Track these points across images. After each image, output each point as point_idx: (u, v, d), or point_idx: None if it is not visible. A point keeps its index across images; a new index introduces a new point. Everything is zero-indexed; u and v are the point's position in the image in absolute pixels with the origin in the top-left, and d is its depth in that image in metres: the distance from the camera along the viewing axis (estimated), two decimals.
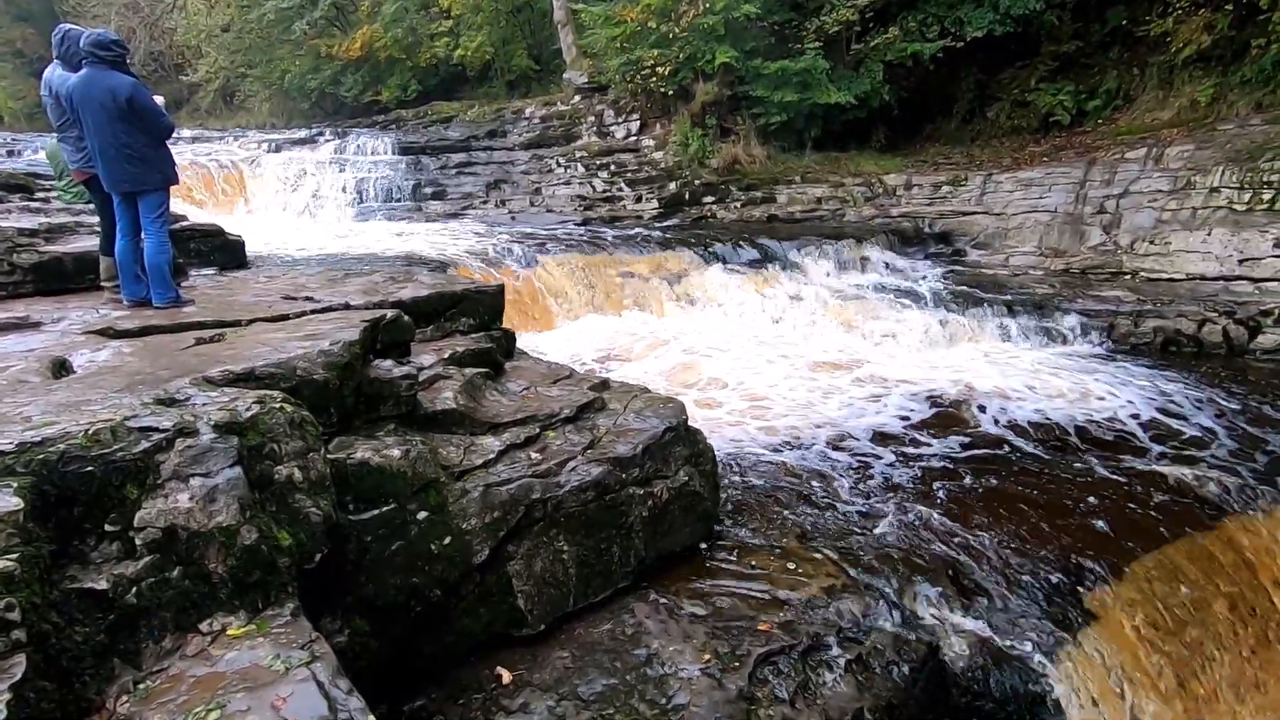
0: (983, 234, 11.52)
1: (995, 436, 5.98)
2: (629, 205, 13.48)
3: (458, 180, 15.15)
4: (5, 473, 1.93)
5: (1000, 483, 5.21)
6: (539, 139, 15.34)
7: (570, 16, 16.29)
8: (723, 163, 13.27)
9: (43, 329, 3.94)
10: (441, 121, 17.15)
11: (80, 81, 4.14)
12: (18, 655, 1.60)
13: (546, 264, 10.04)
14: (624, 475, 3.93)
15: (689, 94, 13.58)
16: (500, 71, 19.88)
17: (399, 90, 21.00)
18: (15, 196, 7.25)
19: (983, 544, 4.48)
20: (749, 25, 13.13)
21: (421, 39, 19.97)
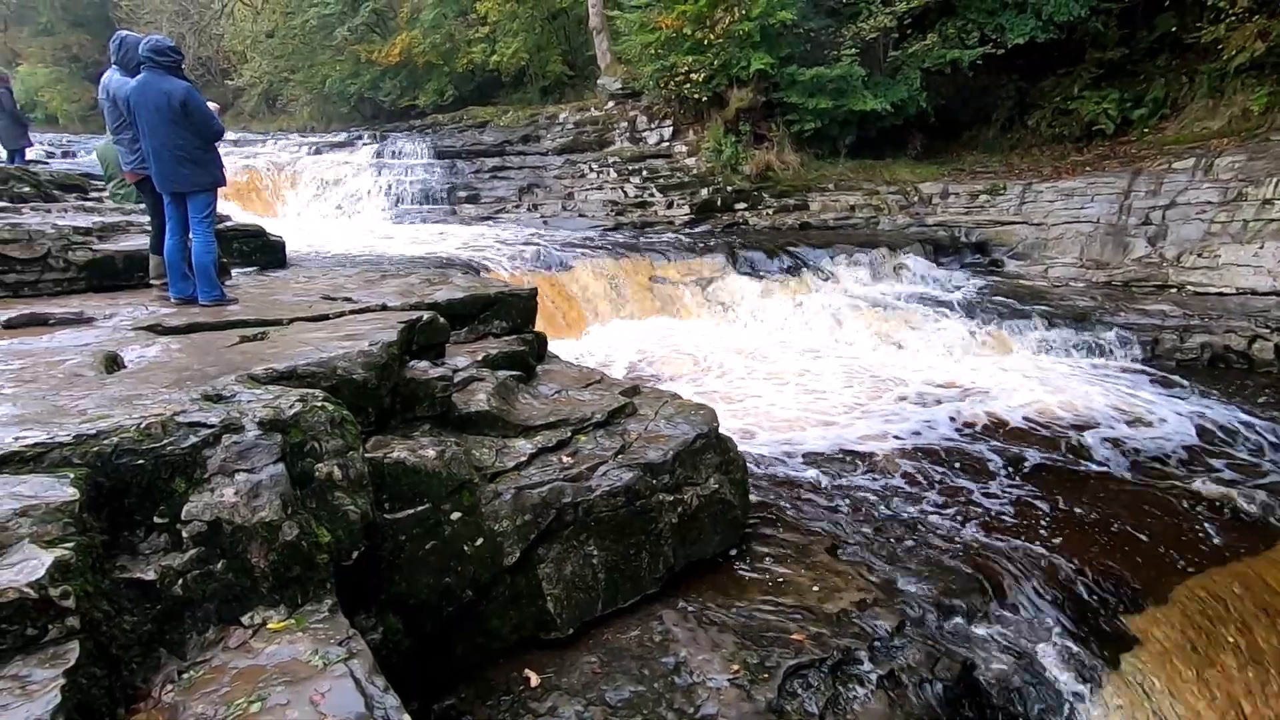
0: (1021, 244, 11.28)
1: (1033, 450, 5.84)
2: (660, 211, 13.49)
3: (491, 184, 15.32)
4: (62, 464, 1.99)
5: (1039, 498, 5.09)
6: (572, 144, 15.44)
7: (605, 23, 16.40)
8: (755, 169, 13.22)
9: (95, 325, 4.07)
10: (476, 126, 17.37)
11: (138, 86, 4.29)
12: (71, 641, 1.65)
13: (578, 268, 10.10)
14: (655, 481, 3.93)
15: (723, 100, 13.56)
16: (534, 77, 20.09)
17: (435, 95, 21.34)
18: (71, 196, 7.52)
19: (1020, 560, 4.37)
20: (784, 32, 13.07)
21: (459, 45, 20.27)
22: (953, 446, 5.90)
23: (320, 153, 15.87)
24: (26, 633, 1.63)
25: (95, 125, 29.63)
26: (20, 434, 2.07)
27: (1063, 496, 5.12)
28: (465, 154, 16.13)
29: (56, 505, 1.83)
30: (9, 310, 4.50)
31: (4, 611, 1.60)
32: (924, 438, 6.01)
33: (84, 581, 1.77)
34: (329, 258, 9.18)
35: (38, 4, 32.27)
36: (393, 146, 16.28)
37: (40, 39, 32.62)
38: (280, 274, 7.21)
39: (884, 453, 5.75)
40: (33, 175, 7.55)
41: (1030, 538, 4.56)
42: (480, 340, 5.30)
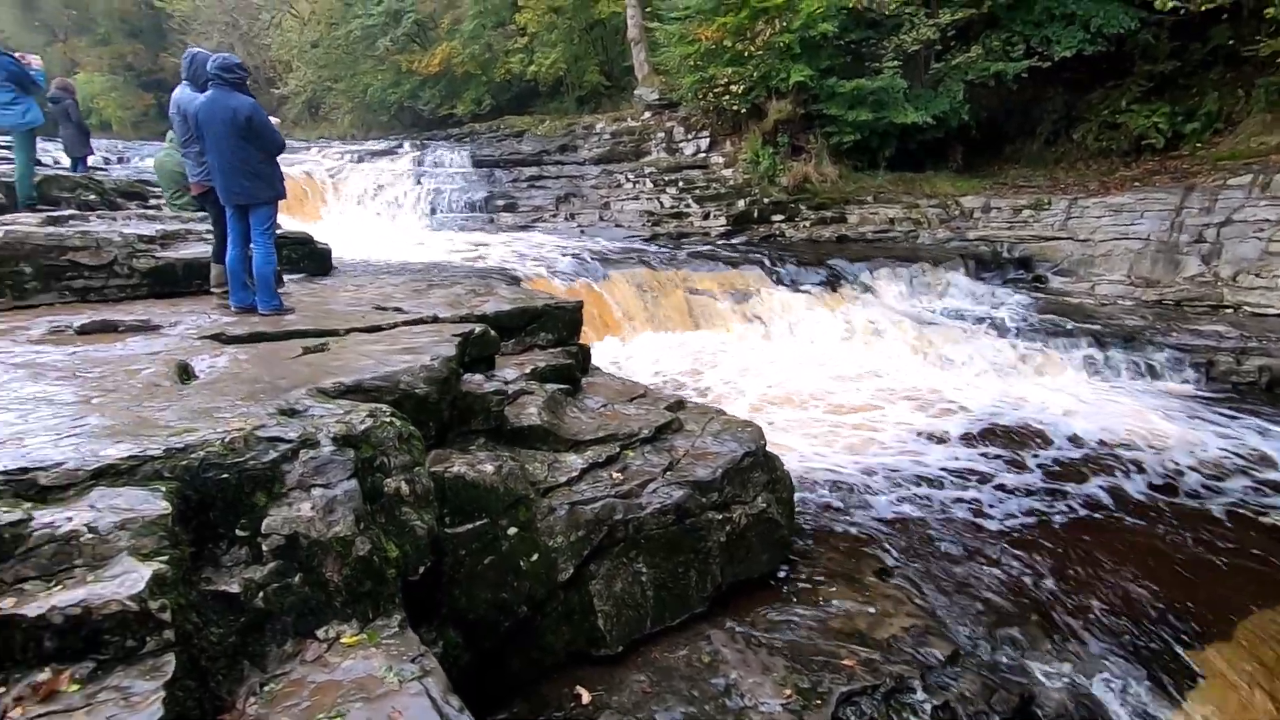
0: (1066, 260, 11.04)
1: (1085, 475, 5.70)
2: (696, 222, 13.50)
3: (528, 193, 15.49)
4: (154, 477, 2.06)
5: (1093, 525, 4.96)
6: (609, 154, 15.54)
7: (644, 35, 16.50)
8: (793, 181, 13.16)
9: (163, 332, 4.19)
10: (514, 135, 17.58)
11: (206, 102, 4.43)
12: (168, 654, 1.70)
13: (614, 278, 10.14)
14: (704, 499, 3.92)
15: (761, 112, 13.54)
16: (571, 87, 20.28)
17: (473, 104, 21.66)
18: (132, 204, 7.79)
19: (1077, 590, 4.27)
20: (824, 43, 13.02)
21: (497, 55, 20.56)
22: (1001, 469, 5.78)
23: (363, 160, 16.20)
24: (126, 644, 1.68)
25: (146, 131, 30.64)
26: (113, 446, 2.14)
27: (1119, 524, 4.99)
28: (503, 163, 16.34)
29: (152, 519, 1.89)
30: (80, 315, 4.67)
31: (107, 624, 1.65)
32: (970, 459, 5.90)
33: (177, 594, 1.83)
34: (373, 265, 9.35)
35: (96, 15, 33.52)
36: (433, 155, 16.56)
37: (97, 48, 33.87)
38: (328, 281, 7.36)
39: (929, 474, 5.66)
40: (98, 184, 7.84)
41: (1087, 567, 4.45)
42: (527, 352, 5.35)
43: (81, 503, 1.90)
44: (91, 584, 1.71)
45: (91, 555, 1.78)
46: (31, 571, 1.74)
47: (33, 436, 2.28)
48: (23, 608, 1.64)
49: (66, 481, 1.97)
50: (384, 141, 18.87)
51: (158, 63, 31.39)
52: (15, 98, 6.55)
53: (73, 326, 4.32)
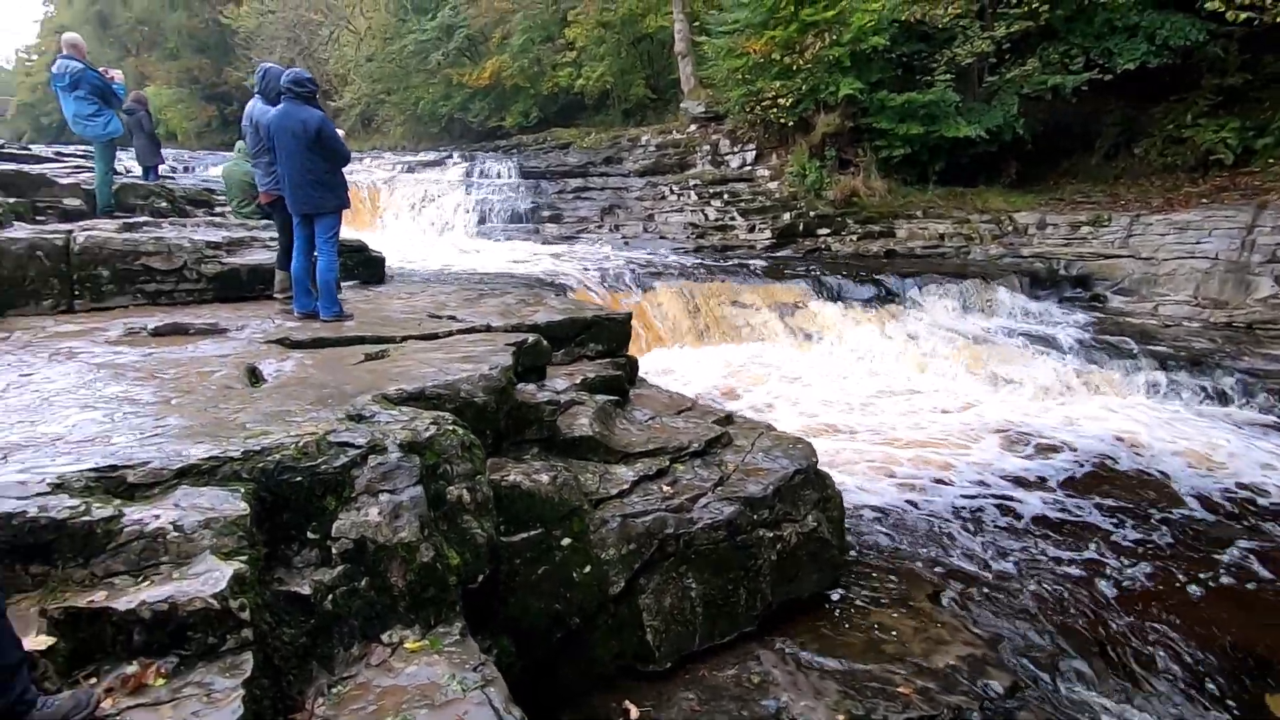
0: (1127, 279, 10.66)
1: (1151, 502, 5.46)
2: (741, 234, 13.45)
3: (574, 204, 15.66)
4: (233, 478, 2.12)
5: (1161, 555, 4.75)
6: (654, 166, 15.63)
7: (691, 48, 16.58)
8: (840, 194, 13.01)
9: (230, 336, 4.34)
10: (560, 147, 17.82)
11: (278, 114, 4.60)
12: (246, 652, 1.75)
13: (659, 290, 10.16)
14: (754, 516, 3.88)
15: (809, 125, 13.46)
16: (617, 99, 20.48)
17: (521, 116, 22.05)
18: (200, 211, 8.12)
19: (1143, 624, 4.09)
20: (875, 57, 12.89)
21: (545, 68, 20.91)
22: (1061, 494, 5.58)
23: (413, 171, 16.62)
24: (208, 641, 1.73)
25: (209, 141, 32.01)
26: (195, 447, 2.22)
27: (1188, 555, 4.76)
28: (549, 174, 16.56)
29: (232, 518, 1.94)
30: (153, 318, 4.87)
31: (192, 620, 1.71)
32: (1026, 482, 5.72)
33: (255, 594, 1.88)
34: (423, 273, 9.56)
35: (167, 31, 35.24)
36: (481, 166, 16.89)
37: (167, 63, 35.58)
38: (382, 289, 7.53)
39: (985, 497, 5.50)
40: (169, 191, 8.20)
41: (1157, 600, 4.25)
42: (576, 363, 5.38)
43: (167, 501, 1.97)
44: (177, 581, 1.76)
45: (177, 553, 1.84)
46: (121, 566, 1.81)
47: (119, 435, 2.37)
48: (114, 602, 1.71)
49: (152, 480, 2.05)
50: (434, 153, 19.33)
51: (221, 76, 32.80)
52: (98, 110, 6.91)
53: (147, 328, 4.51)
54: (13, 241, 5.22)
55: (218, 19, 31.19)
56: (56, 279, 5.38)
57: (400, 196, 15.08)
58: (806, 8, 12.37)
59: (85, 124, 6.93)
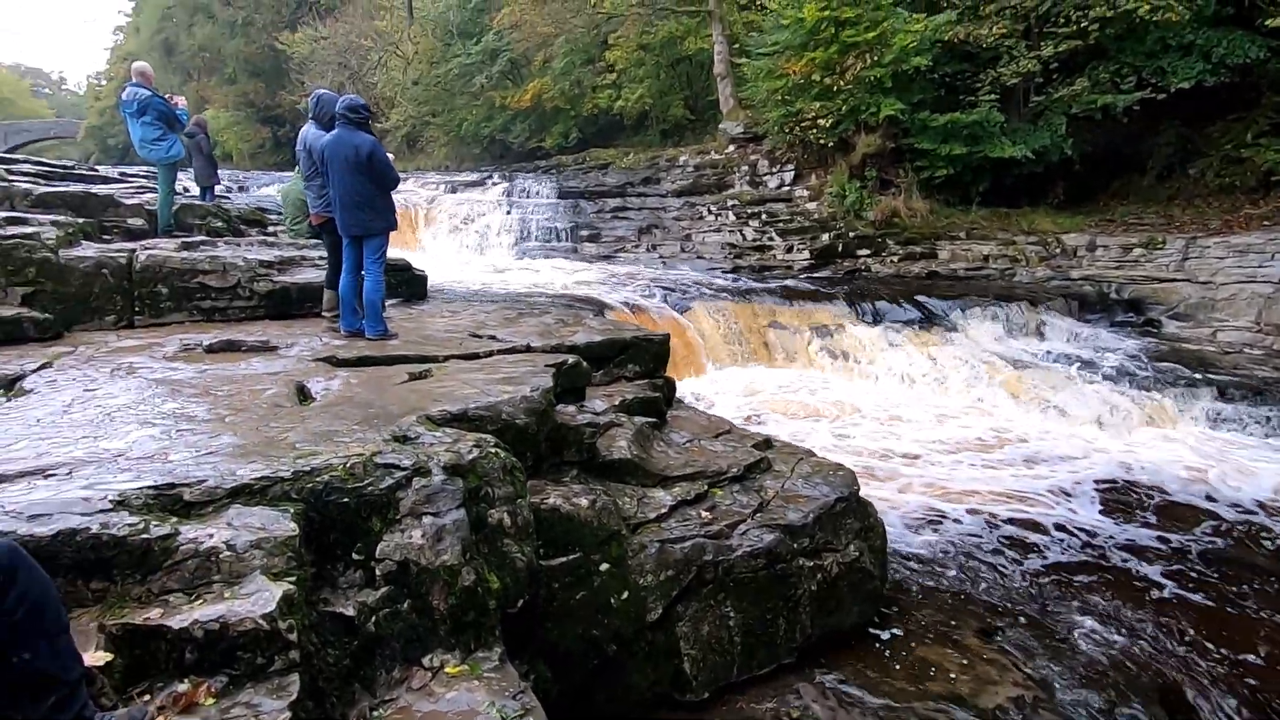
0: (1183, 304, 10.27)
1: (1211, 538, 5.21)
2: (779, 255, 13.38)
3: (612, 224, 15.79)
4: (283, 498, 2.16)
5: (1223, 595, 4.51)
6: (691, 186, 15.69)
7: (730, 70, 16.68)
8: (880, 215, 12.87)
9: (280, 354, 4.47)
10: (599, 167, 18.03)
11: (332, 140, 4.76)
12: (293, 674, 1.77)
13: (696, 310, 10.15)
14: (794, 545, 3.80)
15: (849, 145, 13.37)
16: (655, 120, 20.68)
17: (560, 137, 22.43)
18: (253, 230, 8.42)
19: (1207, 669, 3.87)
20: (917, 77, 12.78)
21: (586, 90, 21.26)
22: (1118, 528, 5.36)
23: (455, 191, 16.98)
24: (257, 662, 1.75)
25: (262, 162, 33.27)
26: (247, 466, 2.27)
27: (1253, 596, 4.50)
28: (588, 194, 16.75)
29: (282, 539, 1.98)
30: (207, 335, 5.04)
31: (242, 640, 1.73)
32: (1084, 515, 5.50)
33: (302, 615, 1.90)
34: (464, 291, 9.72)
35: (226, 58, 36.91)
36: (521, 186, 17.18)
37: (224, 87, 37.23)
38: (424, 306, 7.68)
39: (1031, 528, 5.31)
40: (225, 212, 8.53)
41: (1219, 644, 4.03)
42: (614, 383, 5.38)
43: (220, 520, 2.02)
44: (229, 600, 1.80)
45: (229, 572, 1.88)
46: (176, 584, 1.85)
47: (176, 452, 2.45)
48: (169, 620, 1.75)
49: (207, 498, 2.10)
50: (475, 173, 19.73)
51: (275, 100, 34.16)
52: (163, 135, 7.25)
53: (202, 345, 4.66)
54: (81, 260, 5.47)
55: (273, 45, 32.55)
56: (119, 295, 5.62)
57: (442, 215, 15.41)
58: (847, 29, 12.35)
59: (150, 148, 7.27)
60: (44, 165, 10.63)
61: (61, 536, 1.84)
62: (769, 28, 14.29)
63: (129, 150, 11.37)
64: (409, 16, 26.48)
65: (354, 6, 29.89)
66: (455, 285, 10.36)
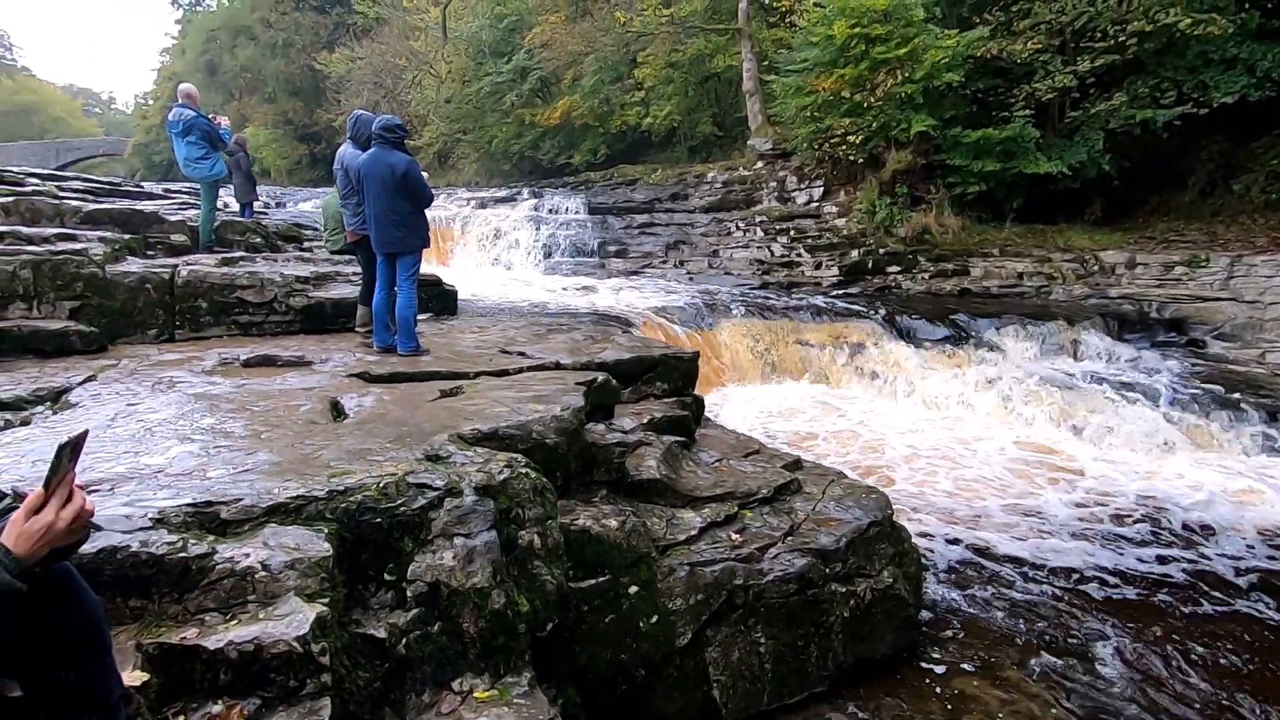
0: (1229, 324, 9.94)
1: (1261, 572, 4.98)
2: (808, 271, 13.29)
3: (639, 240, 15.84)
4: (317, 517, 2.17)
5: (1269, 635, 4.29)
6: (719, 202, 15.69)
7: (759, 86, 16.71)
8: (911, 232, 12.71)
9: (314, 369, 4.53)
10: (627, 184, 18.14)
11: (368, 159, 4.85)
12: (324, 698, 1.76)
13: (723, 327, 10.09)
14: (827, 570, 3.73)
15: (879, 161, 13.27)
16: (684, 137, 20.78)
17: (589, 154, 22.64)
18: (290, 246, 8.61)
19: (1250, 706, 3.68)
20: (948, 93, 12.66)
21: (614, 107, 21.46)
22: (1161, 559, 5.15)
23: (485, 207, 17.20)
24: (289, 684, 1.75)
25: (299, 178, 34.12)
26: (283, 485, 2.29)
27: None
28: (616, 210, 16.84)
29: (316, 559, 1.98)
30: (244, 349, 5.14)
31: (275, 662, 1.73)
32: (1125, 545, 5.31)
33: (334, 637, 1.89)
34: (493, 306, 9.80)
35: (266, 77, 38.07)
36: (549, 202, 17.34)
37: (264, 105, 38.36)
38: (454, 322, 7.76)
39: (1070, 556, 5.13)
40: (263, 228, 8.74)
41: (1268, 681, 3.83)
42: (642, 401, 5.36)
43: (256, 539, 2.03)
44: (263, 621, 1.80)
45: (263, 592, 1.88)
46: (212, 604, 1.86)
47: (213, 469, 2.48)
48: (204, 640, 1.75)
49: (244, 517, 2.12)
50: (505, 189, 19.98)
51: (312, 118, 35.09)
52: (206, 153, 7.47)
53: (239, 359, 4.75)
54: (126, 275, 5.63)
55: (311, 65, 33.48)
56: (161, 310, 5.77)
57: (472, 232, 15.60)
58: (878, 46, 12.30)
59: (194, 167, 7.49)
60: (92, 182, 11.03)
61: (104, 554, 1.86)
62: (798, 44, 14.29)
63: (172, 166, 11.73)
64: (443, 36, 27.04)
65: (390, 28, 30.64)
66: (484, 300, 10.45)
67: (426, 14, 27.73)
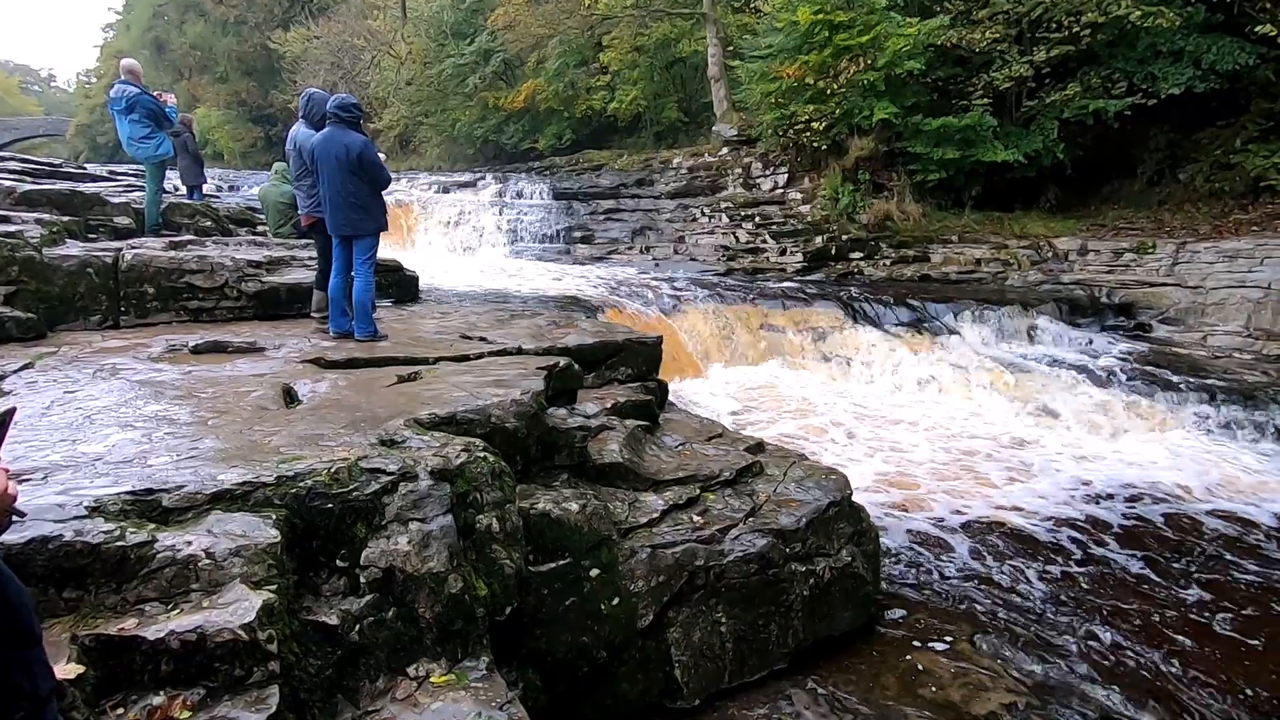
0: (1173, 308, 10.32)
1: (1197, 543, 5.21)
2: (773, 258, 13.38)
3: (605, 225, 15.76)
4: (265, 504, 2.12)
5: (1208, 603, 4.50)
6: (685, 189, 15.68)
7: (724, 72, 16.68)
8: (873, 219, 12.88)
9: (267, 355, 4.40)
10: (593, 169, 18.00)
11: (322, 139, 4.70)
12: (272, 686, 1.72)
13: (688, 312, 10.12)
14: (787, 550, 3.78)
15: (842, 148, 13.39)
16: (650, 122, 20.68)
17: (554, 138, 22.38)
18: (242, 230, 8.34)
19: (1203, 679, 3.86)
20: (910, 81, 12.81)
21: (580, 92, 21.23)
22: (1110, 534, 5.36)
23: (448, 191, 16.91)
24: (235, 673, 1.71)
25: (254, 161, 33.05)
26: (229, 471, 2.22)
27: (1237, 603, 4.50)
28: (581, 196, 16.72)
29: (263, 546, 1.93)
30: (193, 336, 4.97)
31: (219, 651, 1.68)
32: (1076, 521, 5.50)
33: (283, 625, 1.85)
34: (456, 293, 9.65)
35: (218, 56, 36.67)
36: (514, 187, 17.12)
37: (216, 85, 36.98)
38: (415, 308, 7.62)
39: (1029, 534, 5.30)
40: (214, 211, 8.44)
41: (1214, 651, 4.02)
42: (606, 386, 5.35)
43: (200, 527, 1.97)
44: (207, 610, 1.75)
45: (207, 581, 1.83)
46: (152, 593, 1.80)
47: (155, 456, 2.39)
48: (144, 630, 1.69)
49: (186, 504, 2.05)
50: (468, 174, 19.66)
51: (267, 99, 33.96)
52: (150, 132, 7.16)
53: (187, 346, 4.59)
54: (65, 259, 5.39)
55: (265, 44, 32.36)
56: (105, 295, 5.54)
57: (434, 216, 15.33)
58: (841, 33, 12.36)
59: (138, 146, 7.18)
60: (30, 163, 10.51)
61: (34, 544, 1.79)
62: (763, 31, 14.30)
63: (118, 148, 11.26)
64: (403, 16, 26.36)
65: (347, 6, 29.75)
66: (447, 286, 10.28)
67: None
